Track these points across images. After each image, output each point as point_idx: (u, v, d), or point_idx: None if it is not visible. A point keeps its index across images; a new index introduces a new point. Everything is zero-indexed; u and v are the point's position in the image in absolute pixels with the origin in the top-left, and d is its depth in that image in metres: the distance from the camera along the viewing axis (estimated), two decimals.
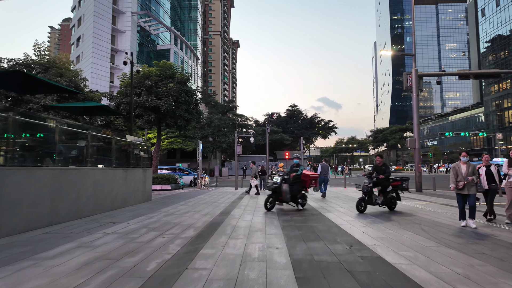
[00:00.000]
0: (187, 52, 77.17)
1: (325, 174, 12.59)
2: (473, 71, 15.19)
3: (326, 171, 12.83)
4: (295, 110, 67.03)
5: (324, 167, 13.08)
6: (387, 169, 7.95)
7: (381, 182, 7.77)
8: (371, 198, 7.84)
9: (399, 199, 8.39)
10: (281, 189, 7.91)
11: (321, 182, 12.30)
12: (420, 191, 14.92)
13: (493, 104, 68.87)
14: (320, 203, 10.21)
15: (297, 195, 8.21)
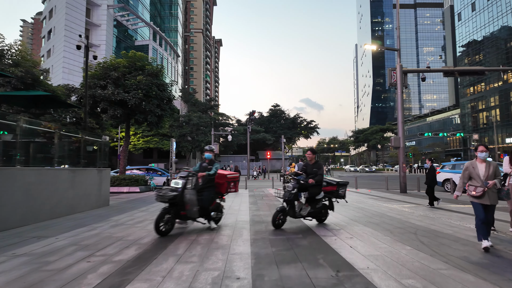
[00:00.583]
0: (166, 49, 74.76)
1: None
2: (457, 68, 14.70)
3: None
4: (277, 110, 66.35)
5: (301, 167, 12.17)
6: (320, 170, 5.86)
7: (310, 187, 5.76)
8: (294, 208, 5.74)
9: (332, 209, 6.44)
10: (184, 198, 5.17)
11: None
12: (405, 192, 14.24)
13: (469, 106, 70.92)
14: None
15: (209, 206, 5.55)
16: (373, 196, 12.52)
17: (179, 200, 5.12)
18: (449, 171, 14.80)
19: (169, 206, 5.17)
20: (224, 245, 4.50)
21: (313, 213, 5.96)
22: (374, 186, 20.31)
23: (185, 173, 5.48)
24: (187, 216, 5.28)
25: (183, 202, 5.15)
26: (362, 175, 40.45)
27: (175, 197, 5.09)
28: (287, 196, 5.63)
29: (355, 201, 10.77)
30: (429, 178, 9.58)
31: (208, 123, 32.04)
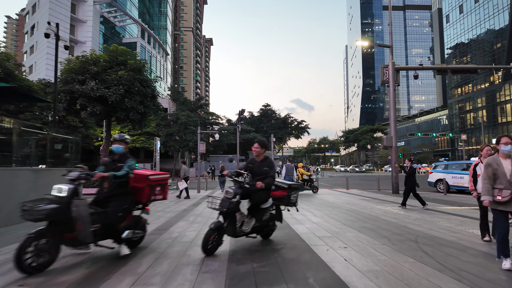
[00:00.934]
0: (155, 47, 73.38)
1: (290, 175, 11.63)
2: (450, 66, 14.38)
3: (291, 172, 11.78)
4: (268, 110, 65.82)
5: (289, 168, 11.97)
6: (272, 169, 4.34)
7: (255, 193, 4.19)
8: (234, 222, 4.07)
9: (280, 219, 4.89)
10: (70, 214, 3.38)
11: None
12: (397, 193, 13.80)
13: (456, 107, 71.89)
14: None
15: (119, 223, 3.80)
16: (365, 197, 12.01)
17: (62, 217, 3.28)
18: (442, 171, 14.45)
19: (48, 225, 3.32)
20: (196, 259, 3.81)
21: (258, 227, 4.33)
22: (365, 187, 19.88)
23: (76, 174, 3.62)
24: (79, 240, 3.38)
25: (69, 219, 3.32)
26: (352, 175, 40.25)
27: (53, 212, 3.20)
28: (225, 207, 3.92)
29: (347, 202, 10.22)
30: (408, 180, 9.04)
31: (197, 122, 31.17)
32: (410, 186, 8.89)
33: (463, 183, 13.42)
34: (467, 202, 10.13)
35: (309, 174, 14.52)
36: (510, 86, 57.01)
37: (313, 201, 10.86)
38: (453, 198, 11.52)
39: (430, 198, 11.64)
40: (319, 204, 9.93)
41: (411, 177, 9.04)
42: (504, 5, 57.42)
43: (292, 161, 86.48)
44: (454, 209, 8.61)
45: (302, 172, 14.26)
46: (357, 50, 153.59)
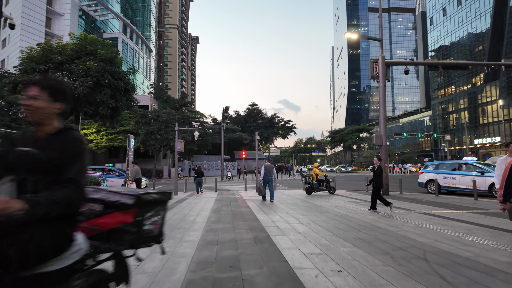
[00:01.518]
0: (138, 43, 71.06)
1: (269, 176, 10.81)
2: (441, 62, 13.77)
3: (270, 172, 10.88)
4: (254, 109, 64.87)
5: (268, 168, 10.97)
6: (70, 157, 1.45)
7: None
8: None
9: (124, 280, 1.82)
10: None
11: (265, 184, 10.86)
12: (387, 194, 13.04)
13: (439, 108, 73.07)
14: (270, 215, 7.51)
15: None
16: (354, 200, 11.16)
17: None
18: (433, 171, 13.80)
19: None
20: (146, 284, 2.71)
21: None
22: (353, 187, 19.14)
23: None
24: None
25: None
26: (339, 175, 39.77)
27: None
28: None
29: (335, 206, 9.31)
30: (375, 180, 8.32)
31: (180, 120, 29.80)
32: (375, 187, 8.21)
33: (455, 183, 12.79)
34: (462, 205, 9.40)
35: (324, 175, 13.73)
36: (492, 87, 58.20)
37: (299, 204, 9.89)
38: (446, 200, 10.80)
39: (422, 200, 10.89)
40: (305, 208, 8.96)
41: (378, 177, 8.34)
42: (486, 8, 58.60)
43: (279, 161, 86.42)
44: (453, 213, 7.80)
45: (317, 172, 13.54)
46: (343, 51, 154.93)
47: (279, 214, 7.59)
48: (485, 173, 11.84)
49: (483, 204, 9.48)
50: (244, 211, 8.24)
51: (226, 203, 10.25)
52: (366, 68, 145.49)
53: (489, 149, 56.91)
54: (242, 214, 7.68)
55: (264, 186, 10.81)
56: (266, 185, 10.82)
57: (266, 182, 10.80)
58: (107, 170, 17.65)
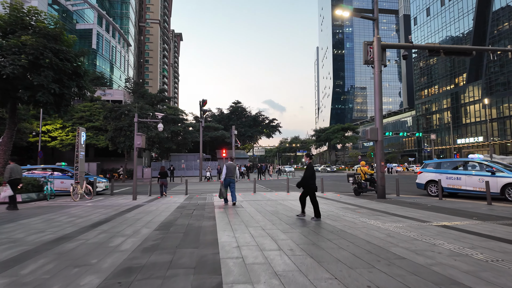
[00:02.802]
0: (115, 36, 67.31)
1: (230, 177, 9.56)
2: (443, 46, 12.08)
3: (232, 172, 9.58)
4: (238, 107, 62.67)
5: (230, 167, 9.59)
6: None
7: None
8: None
9: None
10: None
11: (226, 185, 9.62)
12: (383, 197, 11.21)
13: (423, 108, 73.24)
14: (239, 232, 5.38)
15: None
16: (347, 205, 9.21)
17: None
18: (434, 170, 12.08)
19: None
20: None
21: None
22: (342, 189, 17.33)
23: None
24: None
25: None
26: (324, 175, 38.19)
27: None
28: None
29: (327, 215, 7.29)
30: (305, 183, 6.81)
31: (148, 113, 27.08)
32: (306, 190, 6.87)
33: (461, 185, 11.09)
34: (481, 212, 7.61)
35: (372, 173, 12.66)
36: (474, 87, 58.43)
37: (280, 213, 7.82)
38: (455, 205, 9.02)
39: (428, 205, 9.06)
40: (288, 219, 6.88)
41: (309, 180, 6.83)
42: (469, 9, 58.81)
43: (264, 161, 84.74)
44: (481, 226, 5.92)
45: (366, 171, 12.55)
46: (328, 51, 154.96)
47: (251, 232, 5.46)
48: (496, 173, 10.18)
49: (504, 211, 7.71)
50: (205, 225, 6.07)
51: (188, 212, 8.04)
52: (350, 69, 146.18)
53: (471, 148, 57.07)
54: (200, 231, 5.51)
55: (225, 187, 9.58)
56: (227, 186, 9.62)
57: (228, 183, 9.58)
58: (58, 170, 15.02)
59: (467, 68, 59.25)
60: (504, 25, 52.55)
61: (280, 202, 10.15)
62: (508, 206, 8.66)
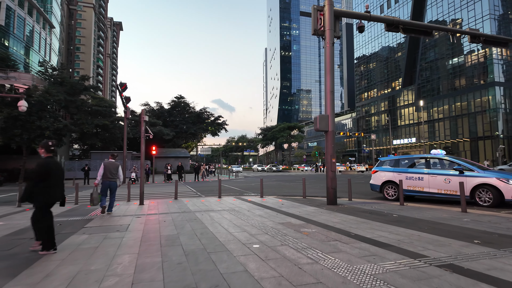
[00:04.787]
0: (32, 14, 57.22)
1: (110, 178, 7.76)
2: (403, 20, 10.19)
3: (112, 173, 7.78)
4: (181, 102, 57.89)
5: (110, 167, 7.77)
6: None
7: None
8: None
9: None
10: None
11: (105, 190, 7.83)
12: (335, 203, 8.78)
13: (363, 110, 76.51)
14: None
15: None
16: (290, 217, 6.44)
17: None
18: (392, 169, 10.07)
19: None
20: None
21: None
22: (285, 190, 14.85)
23: None
24: None
25: None
26: (269, 175, 36.08)
27: None
28: None
29: (258, 239, 4.32)
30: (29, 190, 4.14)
31: (60, 102, 21.79)
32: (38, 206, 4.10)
33: (423, 186, 9.15)
34: (468, 226, 5.41)
35: None
36: (408, 91, 62.21)
37: (175, 244, 4.66)
38: (429, 214, 6.82)
39: (394, 215, 6.71)
40: (196, 252, 3.76)
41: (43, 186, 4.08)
42: (404, 17, 62.43)
43: (211, 160, 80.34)
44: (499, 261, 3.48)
45: None
46: (275, 53, 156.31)
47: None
48: (465, 172, 8.37)
49: (497, 223, 5.62)
50: None
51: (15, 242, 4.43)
52: (297, 71, 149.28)
53: (406, 149, 60.64)
54: None
55: (103, 192, 7.74)
56: (106, 191, 7.82)
57: (106, 187, 7.78)
58: None
59: (403, 73, 62.93)
60: (435, 34, 56.62)
61: (194, 217, 6.99)
62: (491, 215, 6.71)
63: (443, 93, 54.28)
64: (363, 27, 9.77)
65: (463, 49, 50.96)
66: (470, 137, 49.02)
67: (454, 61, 52.74)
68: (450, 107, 52.91)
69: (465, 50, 50.58)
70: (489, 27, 45.37)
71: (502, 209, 7.66)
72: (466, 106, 50.01)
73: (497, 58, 46.33)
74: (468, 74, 50.06)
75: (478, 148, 47.29)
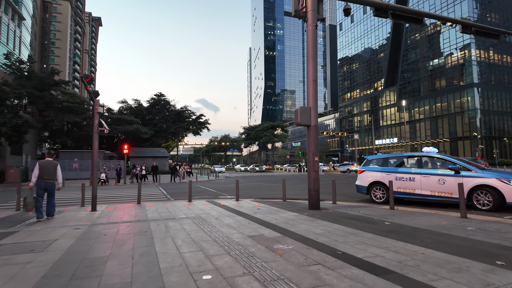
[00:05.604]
0: (0, 4, 53.46)
1: (47, 180, 6.67)
2: (393, 5, 9.28)
3: (50, 174, 6.75)
4: (161, 100, 55.71)
5: (47, 167, 6.76)
6: None
7: None
8: None
9: None
10: None
11: (41, 193, 6.70)
12: (317, 208, 7.71)
13: (346, 111, 76.73)
14: None
15: None
16: (264, 227, 5.27)
17: None
18: (380, 169, 9.11)
19: None
20: None
21: None
22: (265, 192, 13.71)
23: None
24: None
25: None
26: (251, 175, 34.92)
27: None
28: None
29: (214, 265, 3.12)
30: None
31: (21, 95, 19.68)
32: None
33: (415, 188, 8.22)
34: (478, 239, 4.43)
35: None
36: (390, 92, 62.68)
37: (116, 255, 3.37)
38: (426, 221, 5.84)
39: (386, 222, 5.66)
40: None
41: None
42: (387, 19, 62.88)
43: (194, 160, 78.08)
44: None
45: None
46: (260, 52, 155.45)
47: None
48: (461, 171, 7.49)
49: (499, 232, 4.67)
50: None
51: None
52: (281, 71, 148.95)
53: (388, 149, 61.06)
54: None
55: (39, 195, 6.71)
56: (42, 194, 6.78)
57: (42, 189, 6.74)
58: None
59: (385, 74, 63.40)
60: (416, 35, 57.30)
61: (146, 229, 5.69)
62: (496, 221, 5.79)
63: (424, 94, 54.96)
64: (349, 10, 8.76)
65: (443, 51, 51.71)
66: (450, 137, 49.74)
67: (434, 62, 53.46)
68: (431, 108, 53.60)
69: (445, 52, 51.34)
70: None
71: (504, 214, 6.80)
72: (446, 107, 50.74)
73: (476, 60, 47.20)
74: (448, 75, 50.83)
75: (457, 148, 48.01)
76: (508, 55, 51.58)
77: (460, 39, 48.15)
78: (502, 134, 49.17)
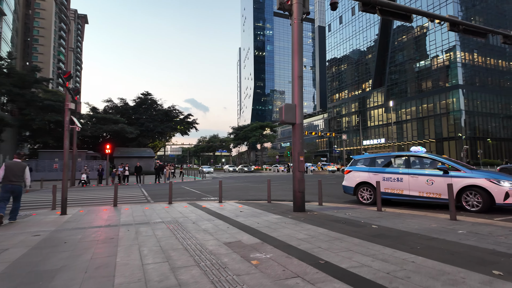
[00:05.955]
0: None
1: (13, 182, 6.35)
2: (380, 0, 8.98)
3: (17, 175, 6.40)
4: (148, 99, 54.59)
5: (14, 168, 6.42)
6: None
7: None
8: None
9: None
10: None
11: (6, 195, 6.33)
12: (302, 210, 7.35)
13: (334, 111, 77.11)
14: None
15: None
16: (244, 232, 4.85)
17: None
18: (367, 169, 8.82)
19: None
20: None
21: None
22: (251, 193, 13.32)
23: None
24: None
25: None
26: (240, 176, 34.46)
27: None
28: None
29: (183, 280, 2.70)
30: None
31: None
32: None
33: (403, 188, 7.96)
34: (470, 244, 4.12)
35: None
36: (378, 93, 63.25)
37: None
38: (415, 224, 5.54)
39: (373, 225, 5.33)
40: None
41: None
42: (375, 20, 63.49)
43: (183, 161, 76.93)
44: None
45: None
46: (249, 52, 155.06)
47: None
48: (450, 172, 7.26)
49: (492, 235, 4.39)
50: None
51: None
52: (270, 71, 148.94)
53: (375, 149, 61.56)
54: None
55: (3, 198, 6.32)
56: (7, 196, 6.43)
57: (8, 191, 6.39)
58: None
59: (373, 75, 63.94)
60: (403, 37, 58.01)
61: (113, 235, 5.19)
62: (486, 223, 5.53)
63: (411, 95, 55.63)
64: (336, 4, 8.42)
65: (429, 53, 52.46)
66: (436, 138, 50.47)
67: (421, 64, 54.19)
68: (417, 109, 54.29)
69: (431, 54, 52.09)
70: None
71: (494, 215, 6.59)
72: (432, 108, 51.47)
73: (461, 62, 48.03)
74: (433, 77, 51.58)
75: (443, 149, 48.72)
76: (492, 58, 52.77)
77: (446, 41, 48.95)
78: (486, 135, 50.21)
